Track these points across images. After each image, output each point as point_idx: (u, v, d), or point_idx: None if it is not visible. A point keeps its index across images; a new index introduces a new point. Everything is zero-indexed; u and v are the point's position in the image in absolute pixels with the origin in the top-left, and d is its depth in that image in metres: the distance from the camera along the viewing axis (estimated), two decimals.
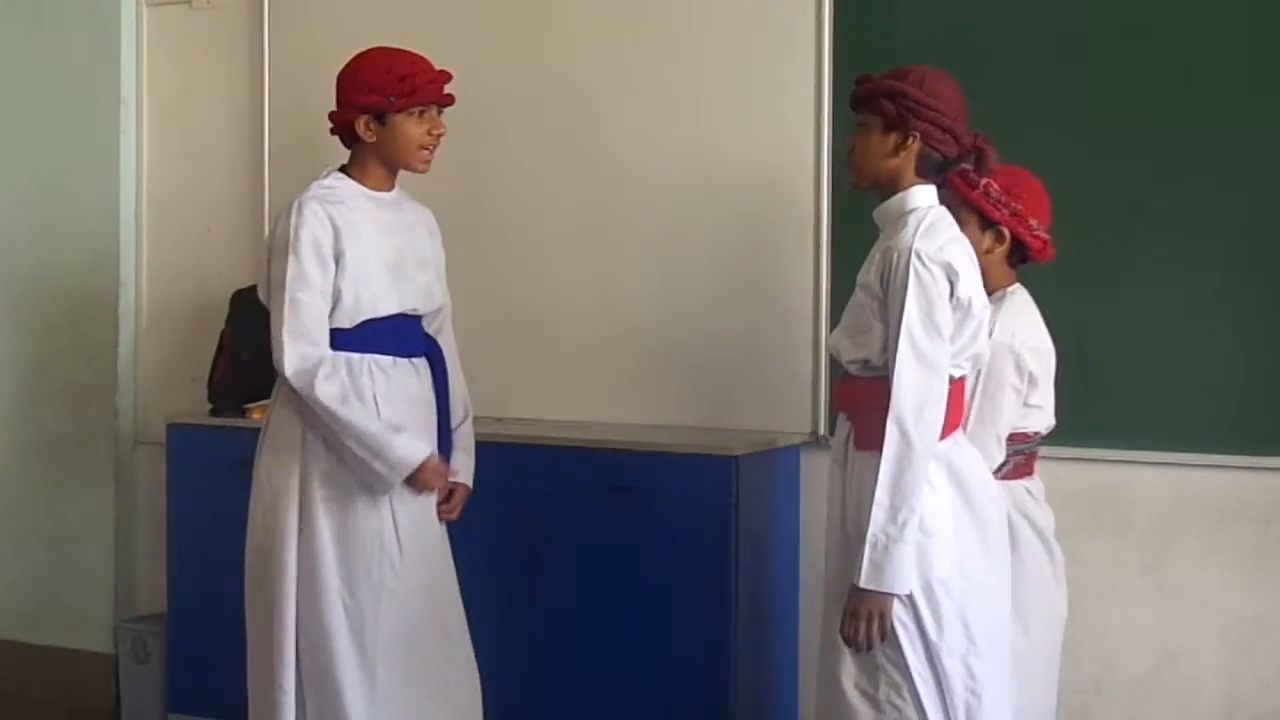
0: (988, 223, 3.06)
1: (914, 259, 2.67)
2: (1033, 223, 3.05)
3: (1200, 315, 3.54)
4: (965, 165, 3.02)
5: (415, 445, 3.15)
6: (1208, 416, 3.53)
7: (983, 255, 3.01)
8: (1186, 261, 3.54)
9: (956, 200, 3.04)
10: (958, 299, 2.69)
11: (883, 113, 2.77)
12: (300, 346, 3.12)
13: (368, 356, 3.21)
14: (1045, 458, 3.61)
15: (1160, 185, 3.56)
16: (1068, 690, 3.66)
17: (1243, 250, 3.51)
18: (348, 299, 3.17)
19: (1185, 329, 3.55)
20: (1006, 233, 3.07)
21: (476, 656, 3.32)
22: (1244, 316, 3.51)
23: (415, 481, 3.16)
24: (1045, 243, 3.08)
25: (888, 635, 2.66)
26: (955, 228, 2.78)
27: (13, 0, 4.85)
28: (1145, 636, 3.62)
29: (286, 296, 3.13)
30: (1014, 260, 3.12)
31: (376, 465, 3.11)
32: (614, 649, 3.71)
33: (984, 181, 3.02)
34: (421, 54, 3.27)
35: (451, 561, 3.35)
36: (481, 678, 3.32)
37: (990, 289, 3.04)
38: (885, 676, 2.70)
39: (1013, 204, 3.04)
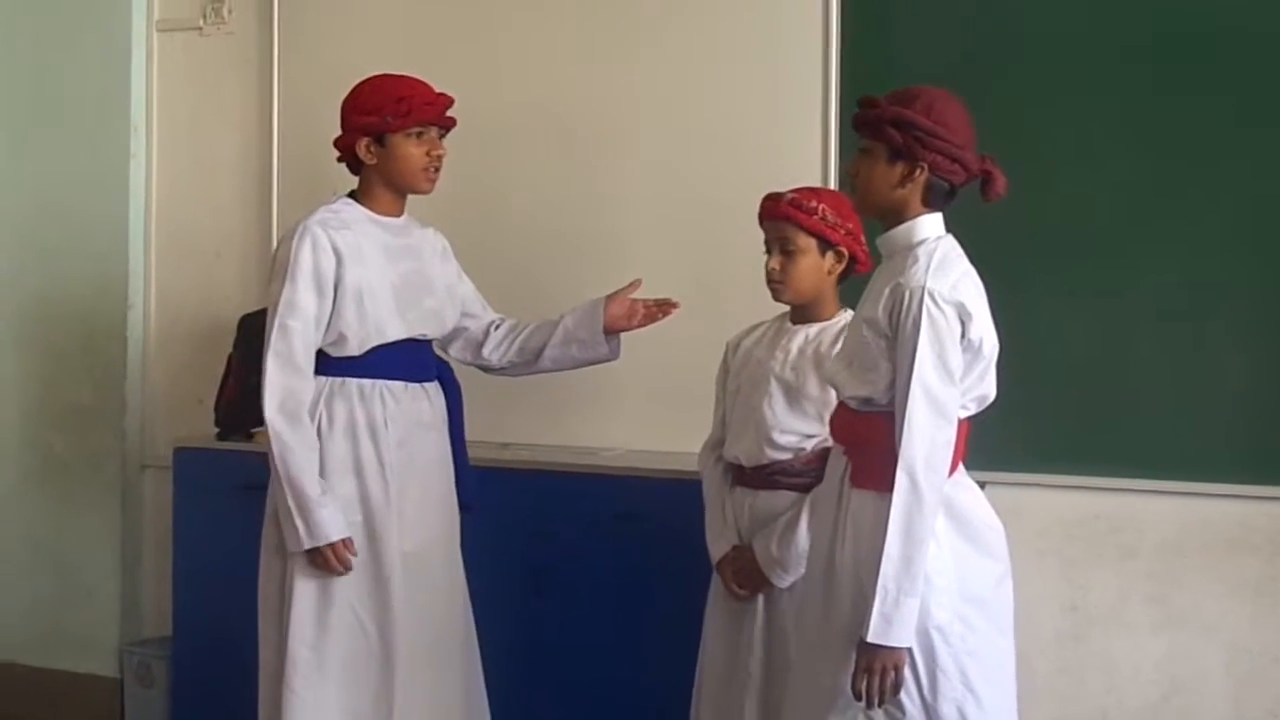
0: (827, 245, 3.07)
1: (927, 299, 2.52)
2: (862, 239, 3.07)
3: (1206, 342, 3.54)
4: (798, 193, 3.07)
5: (338, 520, 3.13)
6: (1213, 445, 3.52)
7: (825, 278, 3.08)
8: (1193, 288, 3.54)
9: (794, 230, 3.05)
10: (969, 340, 2.57)
11: (889, 141, 2.63)
12: (285, 376, 3.14)
13: (379, 382, 3.22)
14: (1049, 485, 3.63)
15: (1164, 209, 3.56)
16: None
17: (1250, 276, 3.51)
18: (353, 325, 3.18)
19: (1191, 356, 3.54)
20: (845, 253, 3.09)
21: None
22: (1250, 343, 3.51)
23: (319, 555, 3.12)
24: (868, 254, 3.08)
25: (900, 689, 2.54)
26: (965, 260, 2.66)
27: (23, 24, 4.86)
28: (1152, 666, 3.61)
29: (277, 321, 3.16)
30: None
31: (297, 521, 3.09)
32: (621, 677, 3.70)
33: (820, 207, 3.04)
34: (427, 79, 3.29)
35: (465, 595, 3.36)
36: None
37: (828, 313, 3.12)
38: None
39: (846, 224, 3.06)
